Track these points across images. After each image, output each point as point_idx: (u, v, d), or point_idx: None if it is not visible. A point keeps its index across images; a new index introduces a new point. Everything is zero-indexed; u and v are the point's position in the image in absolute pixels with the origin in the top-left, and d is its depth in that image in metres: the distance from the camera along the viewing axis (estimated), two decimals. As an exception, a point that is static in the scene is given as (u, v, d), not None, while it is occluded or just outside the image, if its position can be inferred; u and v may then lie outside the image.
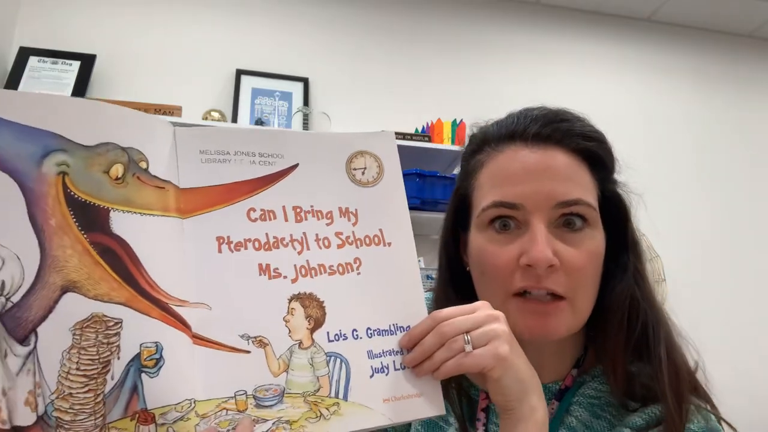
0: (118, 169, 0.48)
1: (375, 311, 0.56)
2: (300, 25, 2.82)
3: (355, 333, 0.55)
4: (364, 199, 0.59)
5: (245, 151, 0.55)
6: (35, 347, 0.43)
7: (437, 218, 2.49)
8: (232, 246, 0.53)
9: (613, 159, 0.70)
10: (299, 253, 0.55)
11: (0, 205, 0.44)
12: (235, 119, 2.57)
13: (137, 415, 0.46)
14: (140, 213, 0.49)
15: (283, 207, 0.55)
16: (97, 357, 0.45)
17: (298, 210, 0.56)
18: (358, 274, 0.57)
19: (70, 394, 0.44)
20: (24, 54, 2.45)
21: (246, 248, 0.53)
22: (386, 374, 0.55)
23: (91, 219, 0.46)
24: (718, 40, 3.32)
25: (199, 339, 0.49)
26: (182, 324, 0.49)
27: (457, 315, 0.55)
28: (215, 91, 2.65)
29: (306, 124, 2.60)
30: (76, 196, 0.46)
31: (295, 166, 0.57)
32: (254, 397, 0.50)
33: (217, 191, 0.53)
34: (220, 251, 0.52)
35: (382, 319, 0.56)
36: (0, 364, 0.42)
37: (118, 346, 0.46)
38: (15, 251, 0.44)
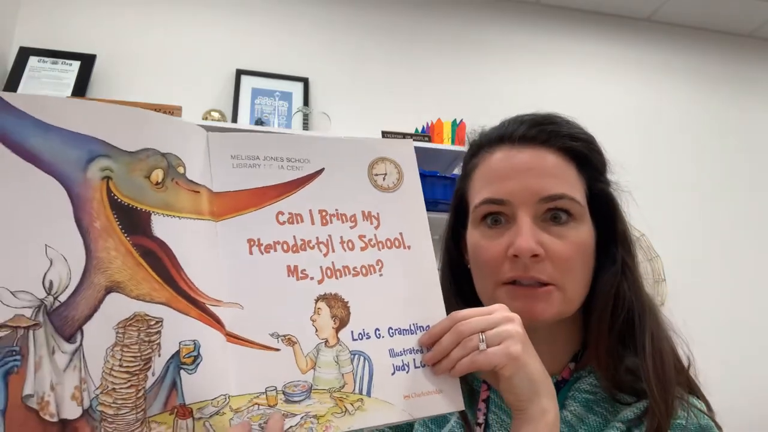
0: (158, 174, 0.51)
1: (396, 311, 0.59)
2: (300, 25, 2.84)
3: (377, 332, 0.58)
4: (386, 204, 0.62)
5: (274, 156, 0.58)
6: (81, 345, 0.46)
7: (437, 218, 2.51)
8: (262, 248, 0.56)
9: (603, 159, 0.75)
10: (325, 255, 0.58)
11: (48, 209, 0.47)
12: (235, 119, 2.60)
13: (176, 410, 0.49)
14: (179, 216, 0.52)
15: (310, 210, 0.58)
16: (139, 354, 0.48)
17: (324, 213, 0.59)
18: (381, 275, 0.59)
19: (114, 389, 0.47)
20: (24, 54, 2.47)
21: (275, 250, 0.56)
22: (407, 372, 0.58)
23: (133, 222, 0.49)
24: (718, 40, 3.35)
25: (232, 337, 0.52)
26: (217, 323, 0.52)
27: (475, 315, 0.58)
28: (215, 91, 2.68)
29: (306, 124, 2.63)
30: (119, 200, 0.49)
31: (321, 170, 0.60)
32: (284, 393, 0.53)
33: (248, 195, 0.56)
34: (251, 253, 0.55)
35: (403, 319, 0.59)
36: (48, 361, 0.45)
37: (159, 344, 0.48)
38: (62, 253, 0.46)
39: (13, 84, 2.40)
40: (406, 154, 0.65)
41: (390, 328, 0.58)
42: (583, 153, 0.72)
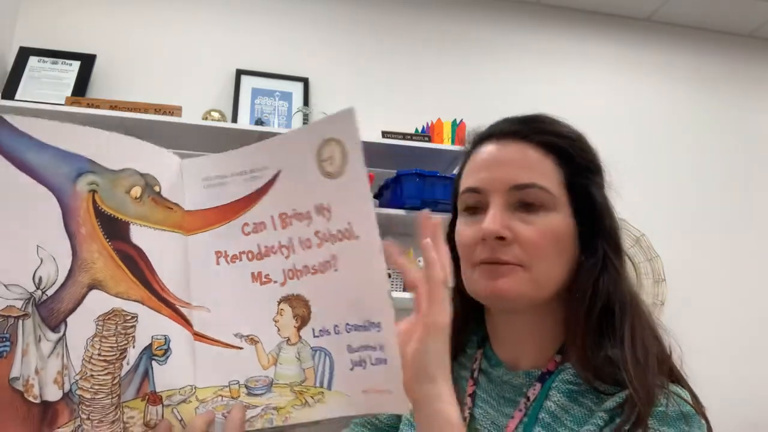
0: (137, 191, 0.58)
1: (351, 307, 0.58)
2: (300, 25, 2.87)
3: (336, 328, 0.58)
4: (334, 192, 0.58)
5: (239, 171, 0.61)
6: (64, 334, 0.53)
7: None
8: (228, 259, 0.60)
9: (589, 157, 0.77)
10: (287, 257, 0.60)
11: (41, 215, 0.54)
12: (235, 119, 2.62)
13: (147, 397, 0.55)
14: (154, 228, 0.58)
15: (272, 217, 0.61)
16: (115, 345, 0.54)
17: (284, 216, 0.60)
18: (336, 270, 0.58)
19: (92, 375, 0.53)
20: (24, 54, 2.50)
21: (241, 260, 0.60)
22: (364, 368, 0.57)
23: (114, 230, 0.56)
24: (718, 40, 3.35)
25: (199, 336, 0.58)
26: (186, 322, 0.58)
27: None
28: (215, 91, 2.70)
29: (306, 124, 2.63)
30: (103, 210, 0.56)
31: (278, 173, 0.61)
32: (246, 387, 0.58)
33: (217, 211, 0.61)
34: (218, 263, 0.60)
35: (358, 316, 0.57)
36: (35, 348, 0.51)
37: (134, 337, 0.55)
38: (52, 253, 0.53)
39: (13, 84, 2.42)
40: (347, 129, 0.56)
41: (347, 324, 0.58)
42: (563, 149, 0.74)
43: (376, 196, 2.63)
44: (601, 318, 0.71)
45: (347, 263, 0.58)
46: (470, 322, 0.84)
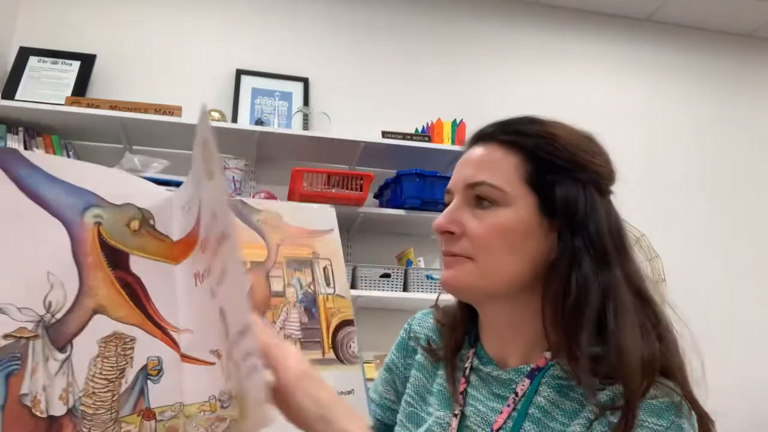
0: (135, 224, 0.63)
1: (235, 313, 0.54)
2: (300, 25, 2.90)
3: (233, 338, 0.55)
4: (214, 194, 0.55)
5: (194, 190, 0.64)
6: (70, 355, 0.57)
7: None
8: (201, 278, 0.63)
9: (562, 155, 0.77)
10: (213, 269, 0.58)
11: (52, 244, 0.58)
12: (235, 119, 2.65)
13: (142, 413, 0.59)
14: (149, 258, 0.63)
15: (206, 229, 0.63)
16: (116, 365, 0.59)
17: (205, 224, 0.60)
18: (226, 275, 0.55)
19: (94, 392, 0.57)
20: (24, 54, 2.52)
21: (206, 277, 0.63)
22: (255, 376, 0.53)
23: (116, 259, 0.61)
24: (718, 40, 3.38)
25: (185, 357, 0.63)
26: (175, 345, 0.63)
27: None
28: (215, 91, 2.73)
29: (306, 124, 2.65)
30: (107, 241, 0.61)
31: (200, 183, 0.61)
32: (219, 400, 0.61)
33: (190, 236, 0.65)
34: (196, 285, 0.63)
35: (238, 321, 0.53)
36: (43, 366, 0.56)
37: (132, 358, 0.59)
38: (61, 279, 0.58)
39: (13, 84, 2.43)
40: (208, 128, 0.54)
41: (236, 332, 0.53)
42: (528, 147, 0.76)
43: (375, 196, 2.65)
44: (580, 314, 0.72)
45: (228, 266, 0.54)
46: (466, 321, 0.86)
